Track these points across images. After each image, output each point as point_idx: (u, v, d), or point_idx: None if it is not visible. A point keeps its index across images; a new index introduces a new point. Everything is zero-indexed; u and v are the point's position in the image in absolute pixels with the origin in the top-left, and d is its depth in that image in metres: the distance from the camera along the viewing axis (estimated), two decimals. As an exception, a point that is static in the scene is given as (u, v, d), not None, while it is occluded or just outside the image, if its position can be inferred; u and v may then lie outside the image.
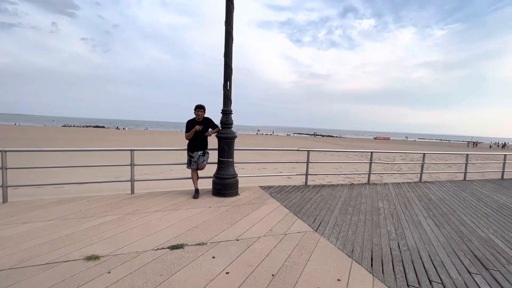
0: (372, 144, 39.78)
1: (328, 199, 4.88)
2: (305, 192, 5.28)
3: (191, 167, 4.65)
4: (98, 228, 3.13)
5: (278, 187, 5.58)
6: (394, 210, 4.43)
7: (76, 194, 4.65)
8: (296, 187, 5.69)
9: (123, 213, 3.68)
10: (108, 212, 3.67)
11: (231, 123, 4.72)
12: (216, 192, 4.68)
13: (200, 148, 4.63)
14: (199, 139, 4.58)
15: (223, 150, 4.68)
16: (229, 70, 4.61)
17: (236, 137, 4.76)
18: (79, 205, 3.93)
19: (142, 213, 3.68)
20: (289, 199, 4.73)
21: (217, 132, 4.70)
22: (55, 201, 4.10)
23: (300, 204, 4.45)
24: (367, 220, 3.83)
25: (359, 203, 4.74)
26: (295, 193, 5.19)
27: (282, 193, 5.13)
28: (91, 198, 4.32)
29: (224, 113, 4.68)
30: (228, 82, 4.63)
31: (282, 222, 3.55)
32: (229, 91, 4.65)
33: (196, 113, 4.51)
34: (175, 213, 3.74)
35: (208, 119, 4.67)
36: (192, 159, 4.61)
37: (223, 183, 4.63)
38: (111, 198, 4.33)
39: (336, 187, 5.93)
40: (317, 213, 4.03)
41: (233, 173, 4.76)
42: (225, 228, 3.25)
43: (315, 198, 4.90)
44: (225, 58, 4.59)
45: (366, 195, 5.32)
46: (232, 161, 4.77)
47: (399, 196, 5.42)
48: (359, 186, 6.20)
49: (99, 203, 4.06)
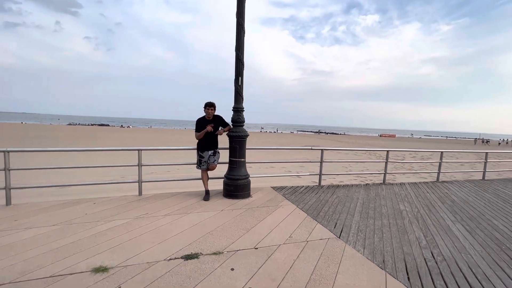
0: (378, 142, 39.25)
1: (345, 201, 4.62)
2: (320, 193, 5.02)
3: (201, 168, 4.42)
4: (106, 234, 2.92)
5: (291, 187, 5.33)
6: (418, 213, 4.15)
7: (82, 196, 4.46)
8: (310, 187, 5.43)
9: (132, 217, 3.47)
10: (115, 216, 3.46)
11: (243, 121, 4.47)
12: (228, 193, 4.45)
13: (210, 147, 4.40)
14: (210, 138, 4.35)
15: (234, 149, 4.44)
16: (241, 64, 4.35)
17: (248, 136, 4.52)
18: (85, 208, 3.73)
19: (151, 217, 3.46)
20: (304, 201, 4.48)
21: (228, 131, 4.46)
22: (60, 203, 3.91)
23: (317, 206, 4.20)
24: (391, 225, 3.56)
25: (379, 205, 4.47)
26: (309, 194, 4.94)
27: (296, 194, 4.88)
28: (98, 200, 4.12)
29: (235, 110, 4.43)
30: (240, 78, 4.37)
31: (301, 228, 3.30)
32: (241, 87, 4.39)
33: (206, 111, 4.26)
34: (186, 217, 3.52)
35: (218, 117, 4.43)
36: (202, 159, 4.37)
37: (235, 184, 4.40)
38: (118, 200, 4.13)
39: (351, 187, 5.66)
40: (337, 216, 3.77)
41: (245, 173, 4.52)
42: (241, 235, 3.02)
43: (331, 200, 4.64)
44: (236, 52, 4.33)
45: (385, 197, 5.05)
46: (244, 161, 4.53)
47: (419, 197, 5.13)
48: (375, 186, 5.92)
49: (106, 206, 3.86)
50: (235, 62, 4.36)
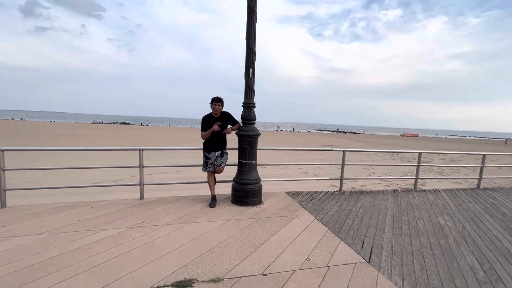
0: (401, 142, 37.19)
1: (372, 211, 3.98)
2: (341, 201, 4.41)
3: (207, 170, 3.97)
4: (92, 248, 2.53)
5: (308, 193, 4.75)
6: (463, 230, 3.43)
7: (81, 198, 4.17)
8: (329, 193, 4.82)
9: (127, 226, 3.08)
10: (109, 225, 3.09)
11: (254, 119, 3.96)
12: (236, 200, 3.96)
13: (217, 148, 3.94)
14: (217, 138, 3.88)
15: (244, 150, 3.94)
16: (252, 54, 3.84)
17: (259, 135, 4.00)
18: (80, 214, 3.41)
19: (148, 227, 3.05)
20: (324, 210, 3.90)
21: (238, 129, 3.97)
22: (56, 207, 3.62)
23: (339, 218, 3.60)
24: (433, 246, 2.90)
25: (413, 218, 3.79)
26: (329, 202, 4.34)
27: (314, 201, 4.30)
28: (96, 204, 3.79)
29: (245, 106, 3.93)
30: (251, 69, 3.86)
31: (321, 246, 2.74)
32: (252, 80, 3.88)
33: (213, 107, 3.80)
34: (186, 228, 3.07)
35: (226, 114, 3.95)
36: (209, 160, 3.92)
37: (244, 189, 3.90)
38: (118, 205, 3.78)
39: (378, 194, 4.97)
40: (364, 232, 3.17)
41: (256, 177, 4.01)
42: (247, 254, 2.52)
43: (355, 209, 4.01)
44: (247, 40, 3.82)
45: (419, 207, 4.33)
46: (255, 164, 4.02)
47: (461, 208, 4.36)
48: (405, 193, 5.19)
49: (102, 211, 3.51)
50: (245, 52, 3.86)
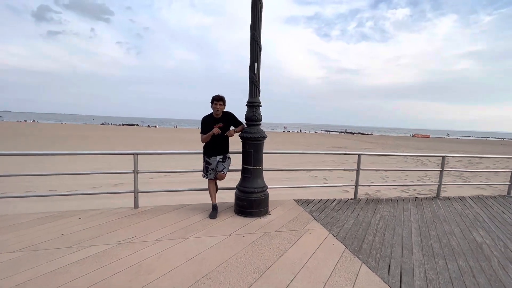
0: (412, 142, 36.07)
1: (394, 223, 3.50)
2: (358, 211, 3.94)
3: (208, 177, 3.57)
4: (68, 272, 2.16)
5: (319, 201, 4.30)
6: (506, 249, 2.92)
7: (71, 207, 3.85)
8: (343, 202, 4.36)
9: (114, 241, 2.71)
10: (95, 240, 2.72)
11: (259, 119, 3.55)
12: (240, 210, 3.55)
13: (219, 152, 3.54)
14: (218, 141, 3.48)
15: (248, 155, 3.53)
16: (257, 47, 3.43)
17: (266, 137, 3.59)
18: (66, 226, 3.06)
19: (138, 243, 2.67)
20: (339, 222, 3.44)
21: (241, 131, 3.57)
22: (41, 217, 3.29)
23: (357, 232, 3.14)
24: (475, 271, 2.41)
25: (442, 232, 3.29)
26: (344, 212, 3.88)
27: (327, 211, 3.85)
28: (86, 214, 3.45)
29: (250, 105, 3.52)
30: (256, 64, 3.45)
31: (339, 272, 2.29)
32: (257, 76, 3.47)
33: (214, 107, 3.41)
34: (181, 245, 2.68)
35: (229, 114, 3.56)
36: (209, 166, 3.53)
37: (248, 198, 3.49)
38: (109, 215, 3.42)
39: (397, 203, 4.47)
40: (388, 252, 2.70)
41: (262, 185, 3.59)
42: (251, 282, 2.10)
43: (374, 222, 3.54)
44: (251, 31, 3.42)
45: (446, 218, 3.82)
46: (260, 170, 3.60)
47: (495, 220, 3.83)
48: (428, 202, 4.67)
49: (91, 223, 3.16)
50: (250, 45, 3.45)
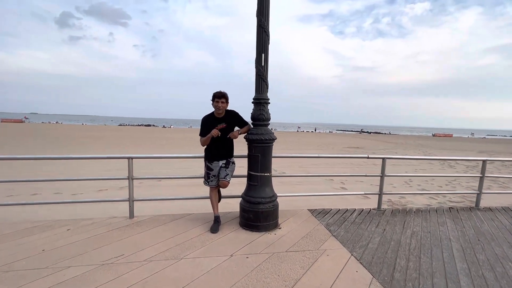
0: (433, 142, 34.12)
1: (430, 243, 2.91)
2: (383, 225, 3.38)
3: (209, 184, 3.15)
4: (33, 303, 1.81)
5: (337, 212, 3.77)
6: None
7: (62, 216, 3.56)
8: (365, 213, 3.80)
9: (98, 261, 2.34)
10: (76, 259, 2.37)
11: (267, 118, 3.08)
12: (245, 223, 3.10)
13: (221, 156, 3.11)
14: (220, 143, 3.05)
15: (255, 159, 3.07)
16: (265, 35, 2.96)
17: (275, 140, 3.11)
18: (50, 239, 2.74)
19: (123, 264, 2.29)
20: (362, 240, 2.91)
21: (247, 132, 3.12)
22: (28, 228, 3.00)
23: (386, 255, 2.60)
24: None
25: (494, 257, 2.67)
26: (366, 225, 3.33)
27: (347, 225, 3.32)
28: (77, 224, 3.13)
29: (257, 102, 3.06)
30: (263, 55, 2.98)
31: (366, 314, 1.79)
32: (265, 69, 3.00)
33: (215, 105, 2.97)
34: (174, 267, 2.27)
35: (232, 114, 3.12)
36: (211, 172, 3.10)
37: (254, 210, 3.03)
38: (100, 226, 3.09)
39: (429, 215, 3.85)
40: (429, 285, 2.14)
41: (270, 194, 3.12)
42: (252, 327, 1.64)
43: (405, 240, 2.97)
44: (258, 17, 2.96)
45: (494, 236, 3.17)
46: (269, 177, 3.13)
47: (557, 240, 3.14)
48: (465, 213, 4.00)
49: (79, 236, 2.83)
50: (256, 33, 2.99)
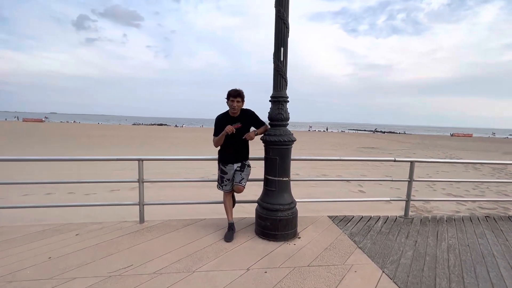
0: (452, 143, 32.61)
1: (471, 259, 2.57)
2: (414, 235, 3.05)
3: (223, 189, 2.94)
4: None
5: (360, 219, 3.47)
6: None
7: (73, 215, 3.47)
8: (391, 221, 3.48)
9: (105, 272, 2.18)
10: (83, 268, 2.22)
11: (286, 118, 2.83)
12: (262, 232, 2.86)
13: (236, 159, 2.89)
14: (235, 145, 2.84)
15: (273, 162, 2.83)
16: (284, 27, 2.71)
17: (294, 141, 2.86)
18: (58, 244, 2.62)
19: (132, 277, 2.12)
20: (392, 254, 2.61)
21: (264, 133, 2.89)
22: (38, 231, 2.89)
23: (423, 274, 2.29)
24: None
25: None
26: (395, 236, 3.02)
27: (372, 235, 3.02)
28: (85, 228, 3.01)
29: (275, 101, 2.82)
30: (282, 49, 2.74)
31: None
32: (284, 64, 2.76)
33: (230, 104, 2.75)
34: (185, 281, 2.07)
35: (248, 113, 2.89)
36: (225, 176, 2.89)
37: (272, 218, 2.79)
38: (109, 231, 2.95)
39: (463, 224, 3.48)
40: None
41: (289, 201, 2.87)
42: None
43: (441, 254, 2.64)
44: (277, 8, 2.71)
45: (544, 252, 2.79)
46: (287, 182, 2.89)
47: None
48: (504, 223, 3.59)
49: (87, 242, 2.70)
50: (275, 25, 2.75)
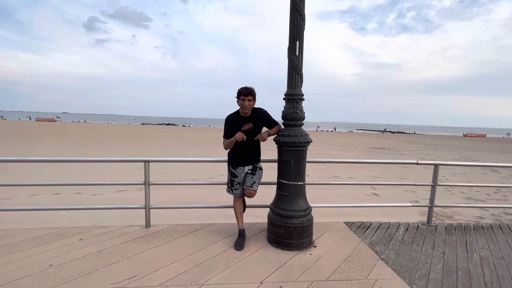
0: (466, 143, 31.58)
1: (510, 274, 2.31)
2: (440, 245, 2.80)
3: (233, 193, 2.76)
4: None
5: (379, 226, 3.23)
6: None
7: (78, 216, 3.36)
8: (413, 228, 3.22)
9: (108, 283, 2.02)
10: (84, 278, 2.08)
11: (301, 118, 2.62)
12: (275, 240, 2.66)
13: (247, 161, 2.71)
14: (247, 147, 2.64)
15: (287, 165, 2.63)
16: (300, 20, 2.51)
17: (310, 142, 2.65)
18: (61, 250, 2.49)
19: (136, 289, 1.96)
20: (420, 267, 2.37)
21: (277, 134, 2.69)
22: (40, 236, 2.78)
23: (455, 290, 2.06)
24: None
25: None
26: (419, 246, 2.77)
27: (395, 244, 2.78)
28: (90, 232, 2.88)
29: (290, 99, 2.61)
30: (298, 43, 2.53)
31: None
32: (299, 59, 2.55)
33: (241, 103, 2.55)
34: (193, 296, 1.90)
35: (260, 112, 2.70)
36: (235, 179, 2.71)
37: (286, 225, 2.59)
38: (115, 236, 2.81)
39: (493, 233, 3.19)
40: None
41: (305, 207, 2.66)
42: None
43: (474, 268, 2.39)
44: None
45: None
46: (302, 186, 2.68)
47: None
48: (539, 232, 3.30)
49: (91, 247, 2.56)
50: (290, 18, 2.54)
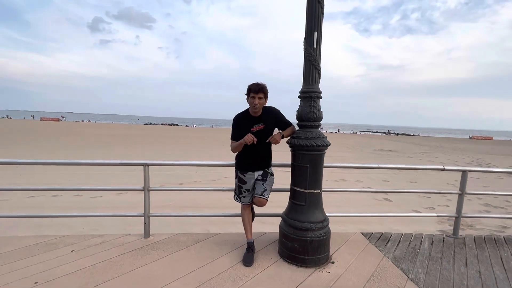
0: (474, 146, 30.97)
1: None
2: (473, 263, 2.49)
3: (241, 201, 2.49)
4: None
5: (401, 239, 2.92)
6: None
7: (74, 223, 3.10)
8: (439, 241, 2.91)
9: (99, 306, 1.77)
10: (73, 300, 1.82)
11: (319, 118, 2.34)
12: (288, 254, 2.38)
13: (257, 166, 2.43)
14: (257, 150, 2.37)
15: (302, 171, 2.35)
16: (319, 7, 2.23)
17: (329, 146, 2.37)
18: (49, 264, 2.23)
19: (130, 315, 1.70)
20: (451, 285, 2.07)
21: (290, 136, 2.41)
22: (29, 246, 2.53)
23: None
24: None
25: None
26: (449, 263, 2.47)
27: (422, 260, 2.48)
28: (84, 243, 2.62)
29: (306, 96, 2.33)
30: (316, 34, 2.25)
31: None
32: (317, 53, 2.27)
33: (251, 101, 2.27)
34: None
35: (272, 111, 2.42)
36: (243, 186, 2.43)
37: (301, 239, 2.30)
38: (110, 247, 2.55)
39: (529, 247, 2.88)
40: None
41: (322, 218, 2.37)
42: None
43: (518, 292, 2.09)
44: (309, -16, 2.23)
45: None
46: (319, 194, 2.39)
47: None
48: None
49: (83, 261, 2.30)
50: (307, 6, 2.27)
